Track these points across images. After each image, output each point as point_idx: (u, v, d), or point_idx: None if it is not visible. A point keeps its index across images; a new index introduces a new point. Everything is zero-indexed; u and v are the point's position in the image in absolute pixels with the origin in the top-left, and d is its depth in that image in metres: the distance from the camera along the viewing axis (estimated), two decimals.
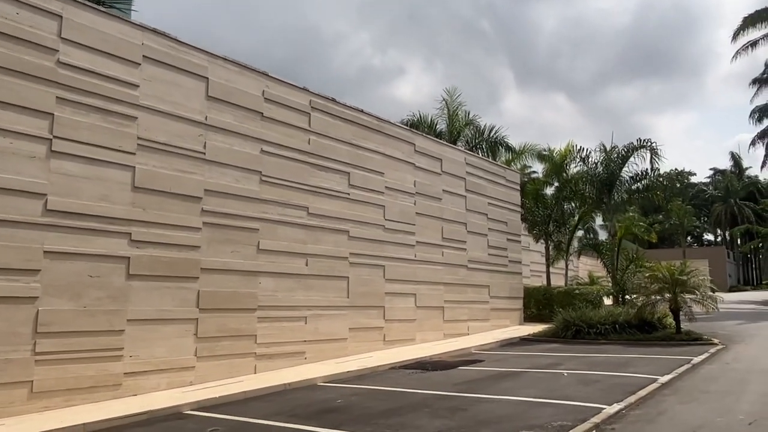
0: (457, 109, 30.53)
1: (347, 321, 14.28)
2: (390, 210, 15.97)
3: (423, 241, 17.08)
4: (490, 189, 20.57)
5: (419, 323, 16.64)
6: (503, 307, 20.63)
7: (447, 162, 18.49)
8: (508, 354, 15.20)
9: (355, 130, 15.14)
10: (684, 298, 16.66)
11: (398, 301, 15.96)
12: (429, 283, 17.16)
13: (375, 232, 15.41)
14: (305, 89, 13.91)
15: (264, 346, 12.23)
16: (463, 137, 30.27)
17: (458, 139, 29.93)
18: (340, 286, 14.21)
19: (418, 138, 17.43)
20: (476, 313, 19.13)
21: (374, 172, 15.59)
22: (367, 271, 15.08)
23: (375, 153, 15.70)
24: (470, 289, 18.96)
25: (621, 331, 17.11)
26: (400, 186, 16.47)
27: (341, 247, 14.34)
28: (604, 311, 18.14)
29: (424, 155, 17.54)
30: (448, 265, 18.07)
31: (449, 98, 30.66)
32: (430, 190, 17.62)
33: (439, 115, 30.74)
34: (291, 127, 13.40)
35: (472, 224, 19.36)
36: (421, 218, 17.11)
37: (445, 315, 17.71)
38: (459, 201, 18.92)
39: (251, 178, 12.37)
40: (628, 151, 19.63)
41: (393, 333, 15.66)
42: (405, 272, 16.28)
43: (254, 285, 12.20)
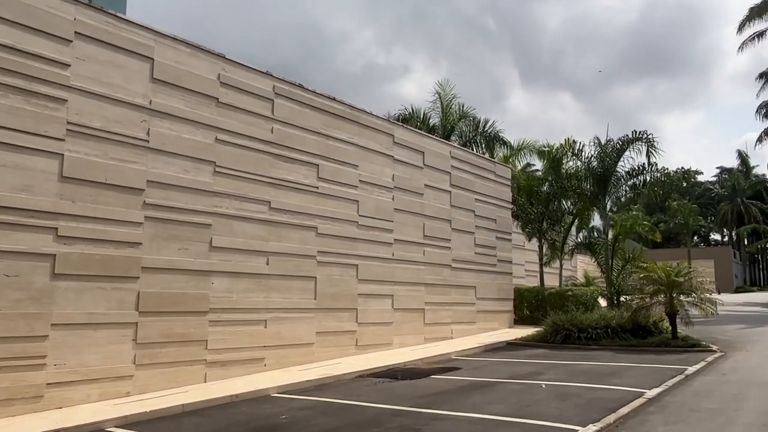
0: (450, 103, 29.46)
1: (314, 324, 13.24)
2: (364, 205, 14.92)
3: (402, 239, 16.02)
4: (478, 184, 19.48)
5: (397, 326, 15.58)
6: (491, 309, 19.55)
7: (430, 155, 17.41)
8: (489, 361, 14.12)
9: (326, 119, 14.09)
10: (681, 301, 15.53)
11: (373, 303, 14.91)
12: (408, 284, 16.10)
13: (347, 229, 14.36)
14: (268, 74, 12.87)
15: (216, 353, 11.20)
16: (457, 131, 29.19)
17: (452, 133, 28.86)
18: (306, 287, 13.17)
19: (398, 129, 16.36)
20: (461, 315, 18.05)
21: (347, 164, 14.53)
22: (338, 270, 14.03)
23: (348, 144, 14.64)
24: (455, 290, 17.89)
25: (614, 336, 16.02)
26: (377, 180, 15.41)
27: (308, 244, 13.30)
28: (596, 314, 17.03)
29: (404, 147, 16.47)
30: (430, 264, 17.00)
31: (442, 91, 29.59)
32: (410, 184, 16.56)
33: (432, 109, 29.69)
34: (251, 115, 12.36)
35: (457, 221, 18.28)
36: (400, 214, 16.05)
37: (426, 318, 16.64)
38: (443, 196, 17.85)
39: (203, 168, 11.34)
40: (624, 144, 18.51)
41: (367, 337, 14.60)
42: (381, 272, 15.23)
43: (206, 285, 11.17)
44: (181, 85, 11.10)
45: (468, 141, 28.82)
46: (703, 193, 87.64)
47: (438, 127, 28.87)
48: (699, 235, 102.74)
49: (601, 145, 19.12)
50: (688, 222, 65.76)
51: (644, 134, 18.37)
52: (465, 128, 29.27)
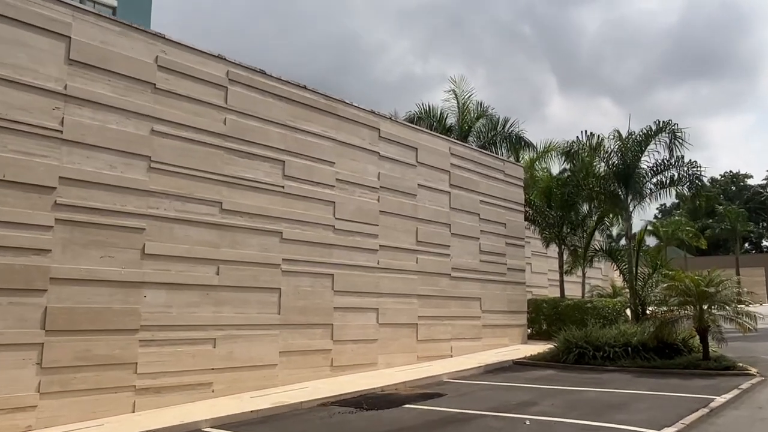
0: (467, 101, 27.50)
1: (277, 343, 11.58)
2: (343, 207, 13.23)
3: (390, 245, 14.25)
4: (483, 185, 17.58)
5: (383, 344, 13.80)
6: (500, 323, 17.57)
7: (424, 152, 15.62)
8: (483, 385, 12.22)
9: (294, 109, 12.48)
10: (713, 315, 13.32)
11: (353, 318, 13.17)
12: (397, 296, 14.31)
13: (321, 234, 12.69)
14: (221, 57, 11.34)
15: (149, 377, 9.63)
16: (474, 132, 27.25)
17: (469, 134, 26.96)
18: (267, 300, 11.53)
19: (384, 122, 14.63)
20: (463, 330, 16.15)
21: (321, 161, 12.88)
22: (309, 281, 12.36)
23: (323, 138, 13.00)
24: (455, 303, 16.00)
25: (634, 356, 13.92)
26: (359, 179, 13.70)
27: (271, 251, 11.67)
28: (614, 330, 14.92)
29: (392, 143, 14.73)
30: (425, 273, 15.17)
31: (458, 88, 27.63)
32: (400, 184, 14.79)
33: (448, 107, 27.76)
34: (199, 104, 10.84)
35: (458, 225, 16.41)
36: (387, 218, 14.30)
37: (419, 333, 14.81)
38: (441, 198, 16.02)
39: (135, 164, 9.83)
40: (647, 136, 16.37)
41: (345, 357, 12.87)
42: (363, 282, 13.49)
43: (136, 299, 9.63)
44: (107, 68, 9.63)
45: (487, 142, 26.85)
46: (752, 197, 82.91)
47: (455, 128, 27.01)
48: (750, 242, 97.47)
49: (622, 139, 16.97)
50: (736, 227, 61.78)
51: (668, 125, 16.19)
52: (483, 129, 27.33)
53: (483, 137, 27.05)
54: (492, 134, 27.05)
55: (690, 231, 55.70)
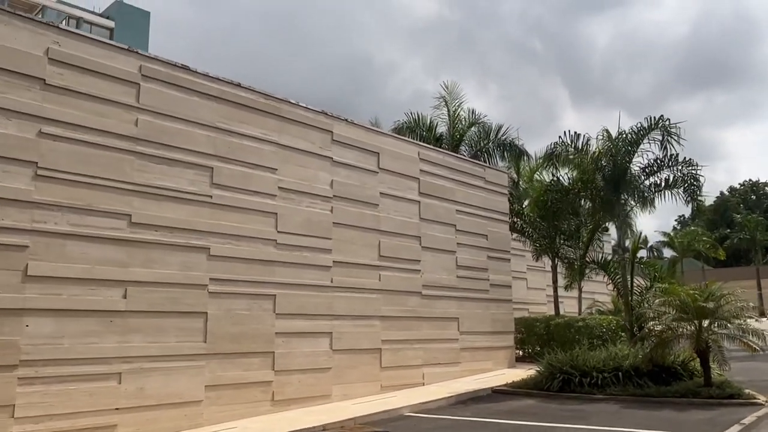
0: (458, 109, 25.97)
1: (202, 376, 10.05)
2: (287, 219, 11.74)
3: (346, 260, 12.71)
4: (460, 193, 16.00)
5: (338, 373, 12.20)
6: (483, 346, 15.87)
7: (388, 157, 14.12)
8: (445, 421, 10.60)
9: (226, 109, 11.07)
10: (715, 334, 11.57)
11: (300, 344, 11.61)
12: (355, 318, 12.73)
13: (260, 250, 11.20)
14: (132, 51, 9.99)
15: (30, 422, 8.15)
16: (467, 141, 25.71)
17: (461, 142, 25.43)
18: (190, 327, 10.03)
19: (339, 124, 13.15)
20: (437, 355, 14.49)
21: (259, 167, 11.44)
22: (244, 303, 10.85)
23: (262, 142, 11.57)
24: (427, 324, 14.37)
25: (626, 382, 12.20)
26: (307, 187, 12.23)
27: (195, 270, 10.20)
28: (603, 353, 13.18)
29: (349, 147, 13.25)
30: (390, 292, 13.58)
31: (448, 95, 26.13)
32: (359, 192, 13.28)
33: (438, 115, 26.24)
34: (103, 102, 9.46)
35: (430, 238, 14.83)
36: (343, 230, 12.77)
37: (383, 360, 13.19)
38: (409, 207, 14.46)
39: (17, 171, 8.46)
40: (638, 134, 14.72)
41: (290, 389, 11.29)
42: (313, 304, 11.95)
43: (15, 329, 8.19)
44: None
45: (479, 151, 25.27)
46: None
47: (446, 137, 25.51)
48: None
49: (611, 139, 15.32)
50: (755, 237, 59.24)
51: (660, 120, 14.52)
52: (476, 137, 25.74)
53: (475, 146, 25.54)
54: (485, 142, 25.49)
55: (707, 242, 53.40)
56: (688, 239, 53.67)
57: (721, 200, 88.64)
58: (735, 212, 69.13)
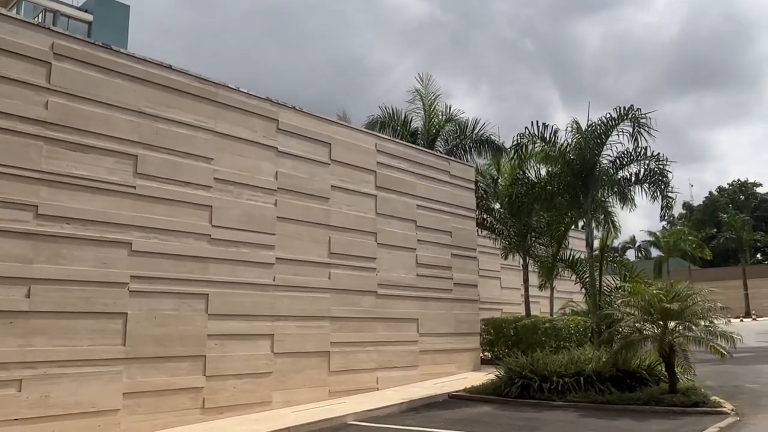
0: (434, 103, 25.16)
1: (120, 382, 9.20)
2: (224, 212, 10.90)
3: (291, 257, 11.89)
4: (422, 187, 15.20)
5: (280, 378, 11.37)
6: (445, 348, 15.08)
7: (340, 147, 13.29)
8: (388, 431, 9.78)
9: (155, 94, 10.22)
10: (682, 336, 10.81)
11: (236, 347, 10.78)
12: (301, 318, 11.91)
13: (191, 245, 10.35)
14: (43, 26, 9.15)
15: None
16: (443, 136, 24.89)
17: (437, 138, 24.62)
18: (106, 328, 9.18)
19: (285, 111, 12.31)
20: (393, 358, 13.68)
21: (192, 156, 10.60)
22: (172, 303, 10.00)
23: (196, 129, 10.72)
24: (382, 325, 13.56)
25: (588, 387, 11.43)
26: (248, 178, 11.39)
27: (113, 267, 9.34)
28: (566, 357, 12.42)
29: (296, 136, 12.42)
30: (341, 291, 12.77)
31: (423, 89, 25.29)
32: (307, 185, 12.46)
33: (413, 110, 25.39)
34: (7, 82, 8.60)
35: (387, 234, 14.01)
36: (287, 225, 11.95)
37: (332, 363, 12.36)
38: (364, 202, 13.65)
39: None
40: (607, 126, 13.94)
41: (224, 396, 10.45)
42: (252, 303, 11.12)
43: None
44: None
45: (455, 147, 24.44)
46: (759, 205, 79.69)
47: (422, 132, 24.69)
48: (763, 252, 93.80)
49: (581, 131, 14.55)
50: (741, 237, 58.72)
51: (630, 110, 13.74)
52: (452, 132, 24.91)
53: (451, 141, 24.74)
54: (461, 138, 24.66)
55: (693, 241, 52.82)
56: (674, 239, 53.12)
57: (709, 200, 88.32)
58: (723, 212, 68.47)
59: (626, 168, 14.15)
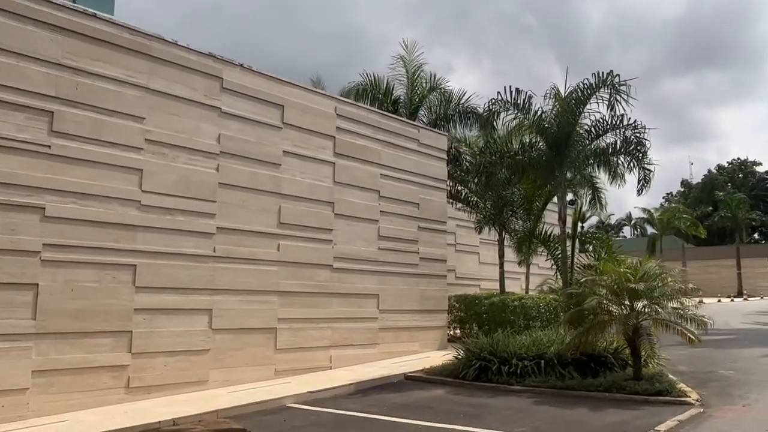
0: (417, 71, 24.06)
1: (29, 359, 8.43)
2: (156, 177, 10.03)
3: (234, 227, 11.05)
4: (386, 155, 14.29)
5: (219, 355, 10.62)
6: (408, 326, 14.32)
7: (296, 110, 12.36)
8: (326, 415, 9.05)
9: (75, 44, 9.27)
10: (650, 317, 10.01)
11: (167, 322, 10.00)
12: (245, 293, 11.11)
13: (116, 212, 9.50)
14: None
15: None
16: (426, 106, 23.85)
17: (420, 107, 23.59)
18: (12, 300, 8.38)
19: (231, 69, 11.35)
20: (350, 335, 12.93)
21: (119, 114, 9.68)
22: (93, 274, 9.19)
23: (123, 85, 9.79)
24: (338, 301, 12.78)
25: (549, 371, 10.69)
26: (185, 141, 10.49)
27: (22, 234, 8.51)
28: (528, 338, 11.66)
29: (243, 97, 11.48)
30: (292, 264, 11.96)
31: (407, 55, 24.13)
32: (254, 150, 11.56)
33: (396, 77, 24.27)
34: None
35: (346, 204, 13.16)
36: (231, 192, 11.08)
37: (279, 341, 11.60)
38: (320, 169, 12.76)
39: None
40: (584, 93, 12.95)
41: (153, 375, 9.70)
42: (188, 276, 10.31)
43: None
44: None
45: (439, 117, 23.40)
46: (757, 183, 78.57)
47: (404, 101, 23.63)
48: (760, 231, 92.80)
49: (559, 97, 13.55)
50: (736, 215, 57.77)
51: (609, 76, 12.76)
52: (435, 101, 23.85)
53: (435, 112, 23.71)
54: (445, 108, 23.61)
55: (687, 219, 51.89)
56: (668, 216, 52.20)
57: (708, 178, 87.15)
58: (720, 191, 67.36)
59: (602, 138, 13.24)
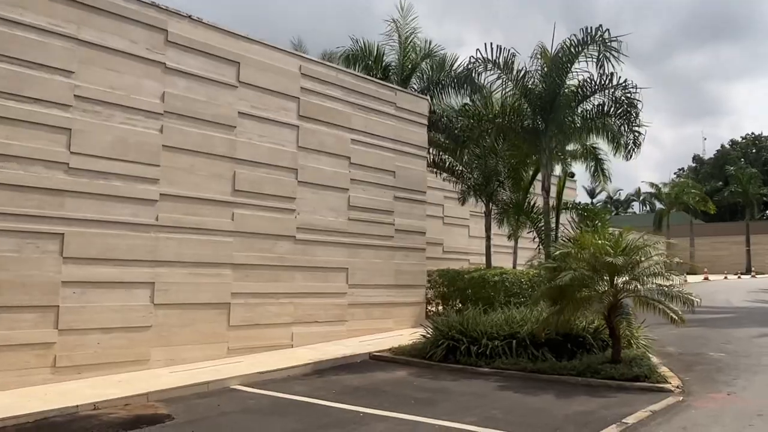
0: (411, 36, 22.85)
1: None
2: (88, 138, 9.12)
3: (181, 194, 10.15)
4: (358, 119, 13.28)
5: (163, 333, 9.80)
6: (381, 302, 13.46)
7: (253, 68, 11.36)
8: (266, 399, 8.23)
9: None
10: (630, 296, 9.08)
11: (103, 297, 9.17)
12: (193, 265, 10.25)
13: (39, 175, 8.62)
14: None
15: None
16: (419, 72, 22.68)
17: (412, 74, 22.44)
18: None
19: (178, 21, 10.34)
20: (314, 311, 12.09)
21: (45, 68, 8.74)
22: (11, 243, 8.35)
23: (49, 35, 8.83)
24: (302, 275, 11.91)
25: (521, 352, 9.82)
26: (123, 99, 9.54)
27: None
28: (502, 316, 10.77)
29: (193, 51, 10.49)
30: (248, 234, 11.07)
31: (401, 18, 22.88)
32: (205, 111, 10.60)
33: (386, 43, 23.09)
34: None
35: (311, 171, 12.22)
36: (177, 156, 10.16)
37: (232, 317, 10.77)
38: (281, 133, 11.79)
39: None
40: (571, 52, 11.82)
41: (84, 353, 8.91)
42: (126, 246, 9.45)
43: None
44: None
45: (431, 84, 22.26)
46: None
47: (395, 67, 22.47)
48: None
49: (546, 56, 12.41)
50: (747, 190, 56.20)
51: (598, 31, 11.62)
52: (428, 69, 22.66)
53: (428, 79, 22.55)
54: (438, 74, 22.42)
55: (696, 194, 50.54)
56: (677, 191, 50.85)
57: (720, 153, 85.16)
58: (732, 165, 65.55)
59: (590, 99, 12.15)
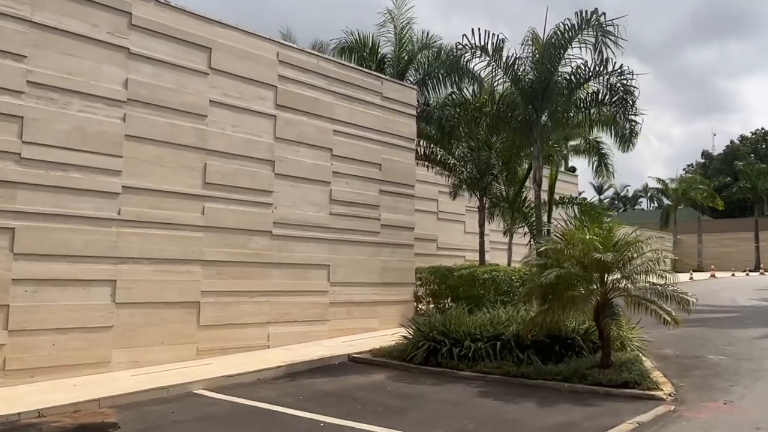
0: (407, 27, 22.24)
1: None
2: (42, 126, 8.58)
3: (147, 186, 9.60)
4: (342, 109, 12.68)
5: (126, 333, 9.25)
6: (366, 300, 12.87)
7: (226, 54, 10.78)
8: (226, 405, 7.68)
9: None
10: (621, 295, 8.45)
11: (58, 296, 8.63)
12: (159, 262, 9.70)
13: None
14: None
15: None
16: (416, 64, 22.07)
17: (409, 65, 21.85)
18: None
19: (142, 4, 9.75)
20: (292, 310, 11.51)
21: None
22: None
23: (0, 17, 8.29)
24: (279, 272, 11.35)
25: (506, 354, 9.22)
26: (81, 85, 8.99)
27: None
28: (486, 316, 10.16)
29: (159, 36, 9.92)
30: (220, 230, 10.51)
31: (396, 9, 22.27)
32: (173, 99, 10.03)
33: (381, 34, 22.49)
34: None
35: (289, 163, 11.63)
36: (142, 146, 9.60)
37: (203, 316, 10.21)
38: (257, 123, 11.21)
39: None
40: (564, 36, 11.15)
41: (37, 356, 8.38)
42: (84, 242, 8.90)
43: None
44: None
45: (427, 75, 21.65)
46: None
47: (391, 59, 21.88)
48: None
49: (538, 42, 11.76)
50: (756, 186, 55.15)
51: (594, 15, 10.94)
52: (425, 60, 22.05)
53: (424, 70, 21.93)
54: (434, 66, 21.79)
55: (704, 190, 49.61)
56: (684, 187, 49.94)
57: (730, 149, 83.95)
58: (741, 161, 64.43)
59: (584, 87, 11.48)
